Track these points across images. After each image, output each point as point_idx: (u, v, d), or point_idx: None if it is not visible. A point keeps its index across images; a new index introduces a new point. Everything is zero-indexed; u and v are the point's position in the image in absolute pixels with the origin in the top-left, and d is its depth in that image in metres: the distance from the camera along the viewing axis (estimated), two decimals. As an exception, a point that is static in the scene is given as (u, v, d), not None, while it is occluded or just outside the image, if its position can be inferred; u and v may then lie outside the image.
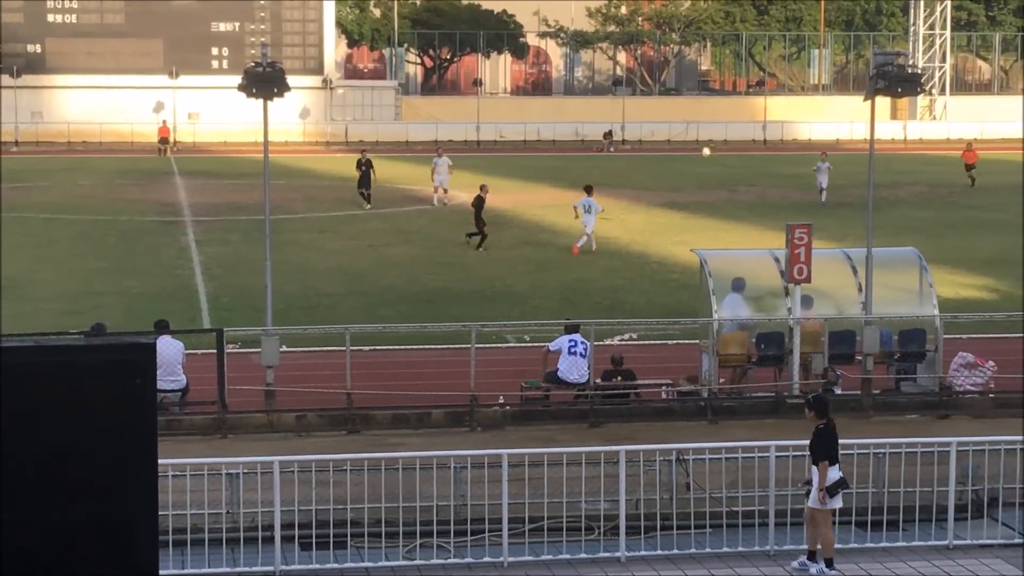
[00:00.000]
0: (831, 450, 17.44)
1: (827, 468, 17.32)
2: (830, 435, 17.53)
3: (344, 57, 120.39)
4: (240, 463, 18.33)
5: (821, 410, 17.75)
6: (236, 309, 35.61)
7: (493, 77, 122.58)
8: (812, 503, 17.36)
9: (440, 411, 25.34)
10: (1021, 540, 18.54)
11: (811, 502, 17.38)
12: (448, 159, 60.85)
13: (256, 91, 25.82)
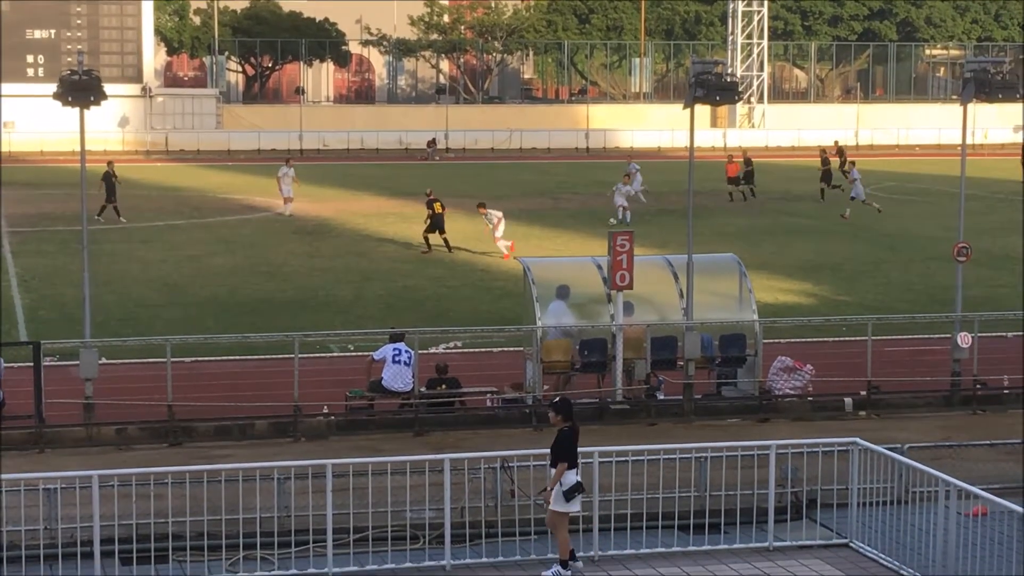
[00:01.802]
0: (571, 453, 17.61)
1: (564, 470, 17.48)
2: (572, 438, 17.70)
3: (164, 65, 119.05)
4: (58, 478, 17.99)
5: (566, 413, 17.94)
6: (53, 321, 34.99)
7: (316, 85, 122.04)
8: (553, 506, 17.53)
9: (264, 422, 25.15)
10: (839, 540, 18.87)
11: (553, 505, 17.54)
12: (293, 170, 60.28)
13: (72, 99, 25.39)
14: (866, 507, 18.66)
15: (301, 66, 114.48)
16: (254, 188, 69.73)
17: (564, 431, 17.74)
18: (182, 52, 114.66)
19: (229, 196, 63.94)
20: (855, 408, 26.91)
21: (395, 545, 18.04)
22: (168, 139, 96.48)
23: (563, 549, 17.61)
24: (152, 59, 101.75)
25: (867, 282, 42.23)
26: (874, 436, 20.31)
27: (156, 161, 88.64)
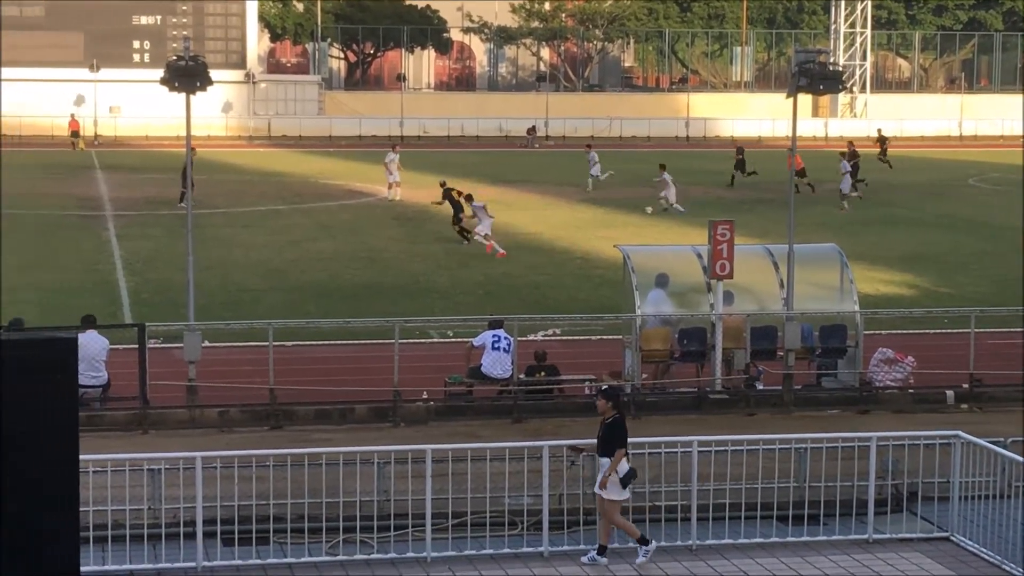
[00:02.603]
0: (623, 441, 17.62)
1: (622, 457, 17.49)
2: (623, 426, 17.70)
3: (267, 51, 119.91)
4: (162, 459, 18.22)
5: (615, 400, 17.96)
6: (157, 304, 35.39)
7: (417, 72, 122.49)
8: (609, 495, 17.58)
9: (363, 407, 25.29)
10: (940, 534, 18.73)
11: (608, 494, 17.59)
12: (398, 156, 60.82)
13: (178, 85, 25.65)
14: (967, 501, 18.50)
15: (403, 53, 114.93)
16: (355, 174, 70.14)
17: (615, 419, 17.77)
18: (285, 39, 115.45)
19: (330, 182, 64.34)
20: (957, 401, 26.66)
21: (493, 531, 18.11)
22: (270, 125, 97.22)
23: (603, 535, 17.71)
24: (256, 46, 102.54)
25: (969, 274, 41.84)
26: (976, 429, 20.11)
27: (258, 147, 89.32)
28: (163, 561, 17.32)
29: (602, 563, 17.64)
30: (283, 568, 17.31)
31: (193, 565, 17.22)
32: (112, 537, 17.19)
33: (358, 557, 17.60)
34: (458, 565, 17.55)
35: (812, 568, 17.64)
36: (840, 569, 17.63)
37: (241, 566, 17.29)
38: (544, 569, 17.57)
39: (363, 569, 17.39)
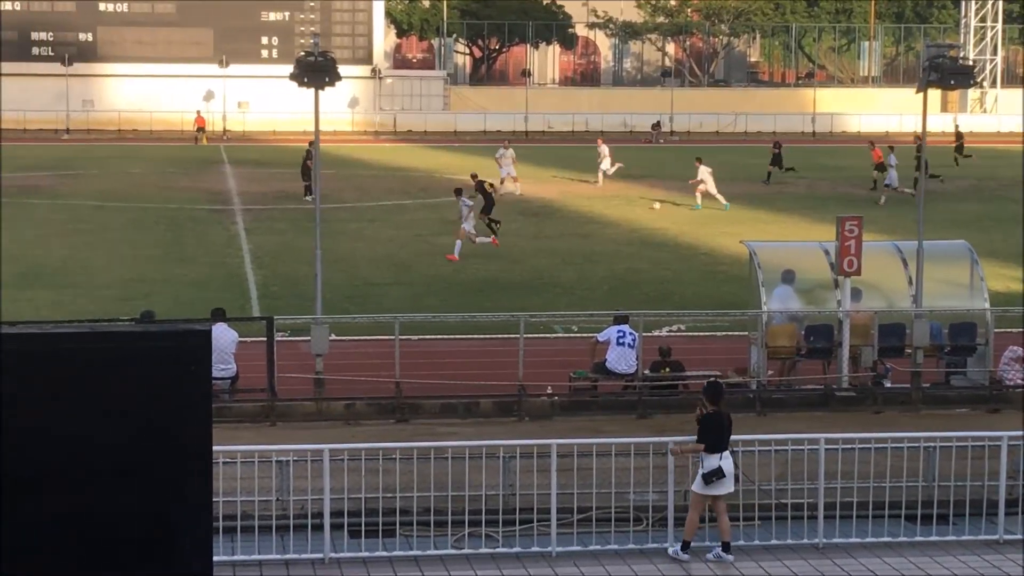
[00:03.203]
0: (711, 437, 17.53)
1: (701, 450, 17.53)
2: (717, 422, 17.61)
3: (393, 47, 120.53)
4: (290, 451, 18.40)
5: (711, 397, 17.94)
6: (284, 298, 35.74)
7: (542, 68, 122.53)
8: (694, 487, 17.59)
9: (488, 401, 25.38)
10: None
11: (694, 487, 17.60)
12: (512, 151, 61.11)
13: (307, 80, 25.91)
14: (1101, 502, 18.21)
15: (528, 48, 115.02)
16: (479, 169, 70.06)
17: (706, 414, 17.74)
18: (411, 34, 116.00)
19: (455, 177, 64.43)
20: (1090, 401, 26.22)
21: (618, 527, 18.09)
22: (396, 120, 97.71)
23: (688, 530, 17.64)
24: (382, 41, 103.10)
25: (1103, 272, 41.10)
26: (1110, 430, 19.78)
27: (384, 142, 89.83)
28: (291, 552, 17.49)
29: (728, 560, 17.56)
30: (409, 561, 17.41)
31: (320, 556, 17.38)
32: (241, 528, 17.38)
33: (483, 551, 17.66)
34: (583, 561, 17.55)
35: (941, 568, 17.44)
36: (969, 570, 17.41)
37: (368, 558, 17.41)
38: (670, 567, 17.52)
39: (488, 563, 17.44)
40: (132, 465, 6.56)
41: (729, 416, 17.97)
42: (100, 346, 6.71)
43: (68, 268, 40.68)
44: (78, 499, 6.45)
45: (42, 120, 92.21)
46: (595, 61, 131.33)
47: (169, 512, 6.62)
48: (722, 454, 17.59)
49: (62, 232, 47.92)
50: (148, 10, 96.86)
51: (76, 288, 37.45)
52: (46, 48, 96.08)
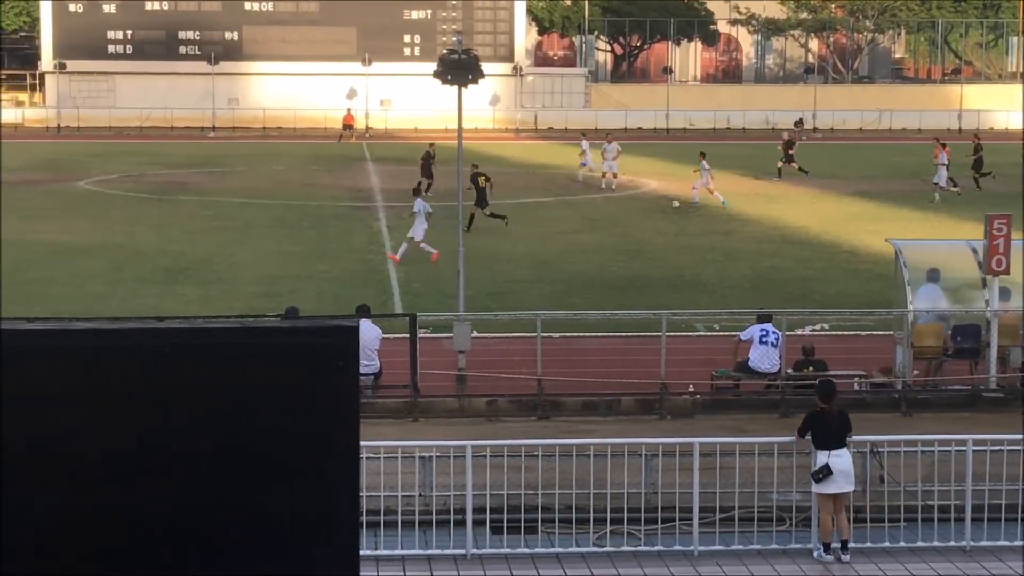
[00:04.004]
0: (818, 434, 17.45)
1: (806, 444, 17.58)
2: (823, 420, 17.54)
3: (534, 44, 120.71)
4: (433, 447, 18.51)
5: (820, 394, 18.03)
6: (426, 295, 35.92)
7: (683, 64, 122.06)
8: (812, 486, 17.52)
9: (630, 399, 25.33)
10: None
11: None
12: (618, 145, 61.00)
13: (451, 78, 26.06)
14: None
15: (669, 45, 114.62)
16: (619, 166, 70.14)
17: (813, 412, 17.64)
18: (552, 31, 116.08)
19: (595, 174, 64.43)
20: None
21: (761, 526, 17.98)
22: (537, 117, 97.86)
23: (823, 531, 17.47)
24: (523, 39, 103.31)
25: None
26: None
27: (525, 139, 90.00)
28: (433, 547, 17.59)
29: (827, 559, 17.43)
30: (551, 558, 17.43)
31: (462, 552, 17.45)
32: (384, 523, 17.51)
33: (625, 549, 17.64)
34: (725, 560, 17.47)
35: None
36: None
37: (510, 555, 17.46)
38: (813, 568, 17.39)
39: (630, 561, 17.42)
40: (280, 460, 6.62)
41: (843, 415, 17.84)
42: (248, 341, 6.77)
43: (214, 264, 41.24)
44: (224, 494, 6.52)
45: (189, 118, 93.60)
46: (737, 58, 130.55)
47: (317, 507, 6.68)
48: (832, 452, 17.45)
49: (208, 229, 48.59)
50: (292, 9, 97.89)
51: (222, 284, 37.95)
52: (193, 47, 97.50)
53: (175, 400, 6.39)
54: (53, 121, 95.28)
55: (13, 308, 32.65)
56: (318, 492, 6.72)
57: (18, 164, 70.18)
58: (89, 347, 5.82)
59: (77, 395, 5.76)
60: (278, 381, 6.70)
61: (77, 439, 5.80)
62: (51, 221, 49.93)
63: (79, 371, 5.75)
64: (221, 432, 6.54)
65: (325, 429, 6.72)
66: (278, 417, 6.66)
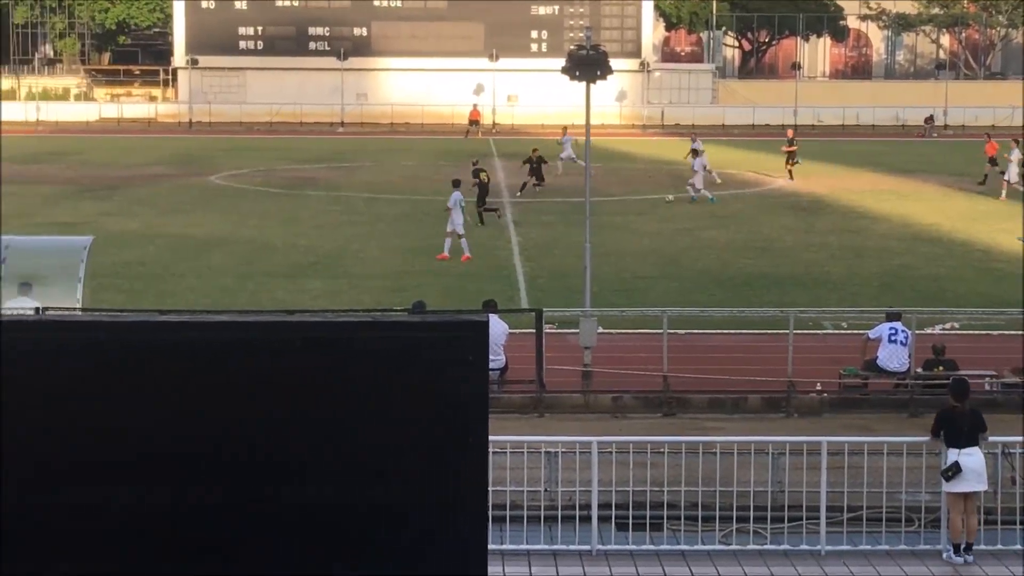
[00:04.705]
0: (948, 433, 17.35)
1: (938, 444, 17.46)
2: (954, 419, 17.46)
3: (661, 40, 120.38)
4: (559, 442, 18.52)
5: (953, 393, 17.96)
6: (552, 290, 35.93)
7: (812, 60, 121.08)
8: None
9: (756, 396, 25.18)
10: None
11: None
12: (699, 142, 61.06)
13: (579, 74, 26.03)
14: None
15: (798, 41, 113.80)
16: (747, 163, 69.85)
17: (944, 411, 17.65)
18: (680, 27, 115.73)
19: (722, 171, 64.14)
20: None
21: (889, 527, 17.79)
22: (663, 113, 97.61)
23: (953, 532, 17.27)
24: (651, 35, 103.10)
25: None
26: None
27: (651, 135, 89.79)
28: (558, 543, 17.60)
29: (957, 561, 17.20)
30: (676, 555, 17.38)
31: (588, 548, 17.45)
32: (510, 517, 17.55)
33: (751, 548, 17.54)
34: (853, 560, 17.31)
35: None
36: None
37: (635, 551, 17.43)
38: (942, 569, 17.18)
39: (756, 560, 17.31)
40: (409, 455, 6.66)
41: (975, 414, 17.65)
42: (379, 335, 6.81)
43: (342, 259, 41.56)
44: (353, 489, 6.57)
45: (317, 114, 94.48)
46: (867, 54, 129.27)
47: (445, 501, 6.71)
48: (963, 450, 17.26)
49: (336, 223, 48.98)
50: (421, 5, 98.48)
51: (349, 278, 38.24)
52: (322, 43, 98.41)
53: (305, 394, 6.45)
54: (185, 116, 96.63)
55: (145, 301, 33.17)
56: (447, 486, 6.76)
57: (151, 159, 71.28)
58: (221, 341, 5.89)
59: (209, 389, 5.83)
60: (408, 375, 6.74)
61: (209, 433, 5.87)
62: (182, 215, 50.60)
63: (210, 365, 5.82)
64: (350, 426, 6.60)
65: (454, 424, 6.76)
66: (407, 411, 6.71)
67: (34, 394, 5.60)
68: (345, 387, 6.58)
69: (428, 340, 6.75)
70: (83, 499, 5.64)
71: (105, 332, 5.86)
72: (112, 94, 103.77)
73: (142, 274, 38.19)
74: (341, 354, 6.62)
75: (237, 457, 5.95)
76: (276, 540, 6.01)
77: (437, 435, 6.70)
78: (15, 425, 5.56)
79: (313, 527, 6.36)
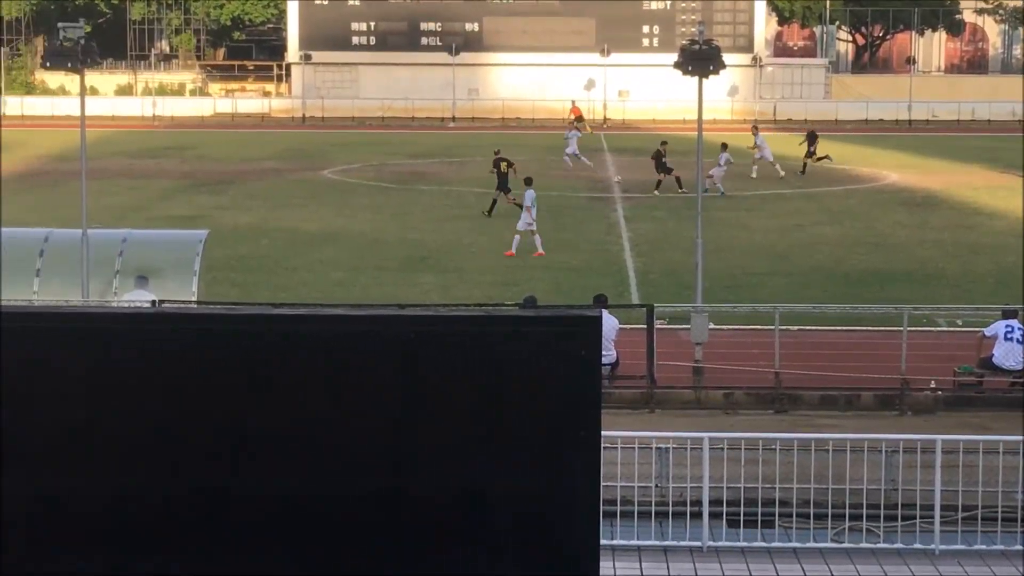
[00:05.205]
0: None
1: None
2: None
3: (774, 35, 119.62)
4: (670, 438, 18.47)
5: None
6: (662, 285, 35.86)
7: (926, 55, 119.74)
8: None
9: (869, 394, 25.00)
10: None
11: None
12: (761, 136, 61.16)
13: (692, 69, 25.95)
14: None
15: (912, 35, 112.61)
16: (861, 159, 69.25)
17: None
18: (793, 22, 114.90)
19: (834, 166, 63.68)
20: None
21: (1005, 527, 17.58)
22: (775, 108, 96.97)
23: None
24: (763, 29, 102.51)
25: None
26: None
27: (763, 130, 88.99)
28: (669, 539, 17.56)
29: None
30: (788, 553, 17.27)
31: (698, 544, 17.39)
32: (620, 513, 17.53)
33: (864, 546, 17.40)
34: (968, 560, 17.12)
35: None
36: None
37: (746, 548, 17.35)
38: (1059, 569, 16.95)
39: (868, 558, 17.17)
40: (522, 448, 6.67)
41: None
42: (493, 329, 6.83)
43: (452, 253, 41.71)
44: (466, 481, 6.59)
45: (429, 108, 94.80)
46: (983, 48, 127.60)
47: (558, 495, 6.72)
48: None
49: (446, 218, 49.16)
50: (533, 2, 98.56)
51: (460, 273, 38.37)
52: (434, 39, 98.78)
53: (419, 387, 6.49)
54: (298, 111, 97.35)
55: (259, 295, 33.48)
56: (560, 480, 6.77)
57: (264, 153, 71.93)
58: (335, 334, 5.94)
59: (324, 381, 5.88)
60: (522, 369, 6.76)
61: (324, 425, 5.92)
62: (295, 209, 51.01)
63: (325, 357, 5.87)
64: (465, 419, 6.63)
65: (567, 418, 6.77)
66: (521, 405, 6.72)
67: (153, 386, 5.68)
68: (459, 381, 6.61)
69: (542, 335, 6.76)
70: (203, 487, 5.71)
71: (221, 325, 5.94)
72: (226, 89, 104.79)
73: (256, 268, 38.56)
74: (455, 348, 6.65)
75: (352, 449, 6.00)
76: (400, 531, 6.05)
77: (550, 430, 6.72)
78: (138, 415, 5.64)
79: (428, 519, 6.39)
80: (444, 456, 6.57)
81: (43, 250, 28.92)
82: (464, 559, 6.53)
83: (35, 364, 5.60)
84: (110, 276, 28.40)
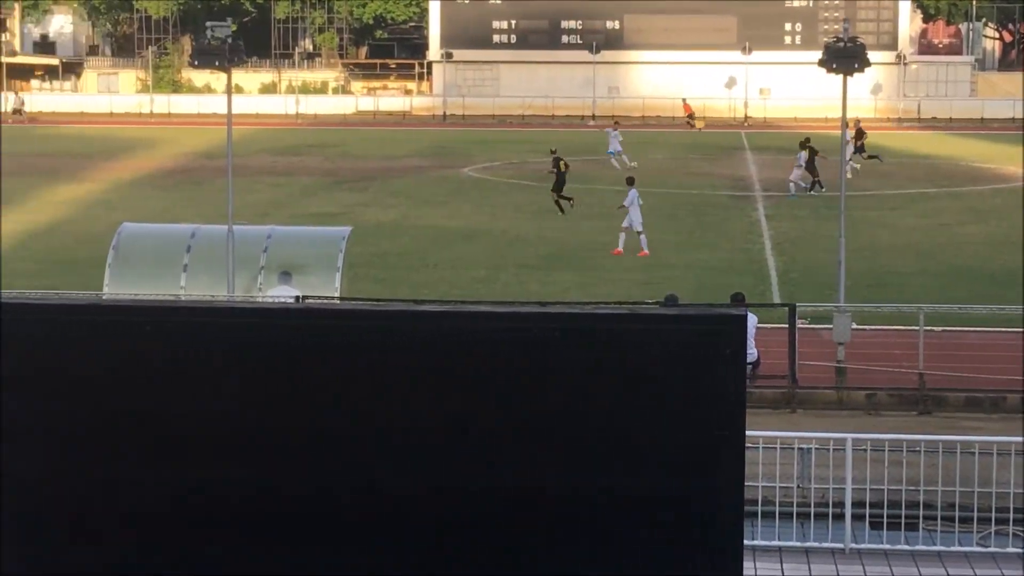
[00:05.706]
0: None
1: None
2: None
3: (918, 32, 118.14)
4: (812, 438, 18.31)
5: None
6: (804, 284, 35.56)
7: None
8: None
9: (1016, 396, 24.58)
10: None
11: None
12: None
13: (836, 66, 25.72)
14: None
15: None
16: (1008, 158, 68.16)
17: None
18: (938, 19, 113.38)
19: (981, 165, 62.83)
20: None
21: None
22: (920, 107, 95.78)
23: None
24: (907, 26, 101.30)
25: None
26: None
27: (907, 129, 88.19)
28: (811, 540, 17.41)
29: None
30: (932, 556, 17.05)
31: (840, 546, 17.23)
32: (762, 513, 17.41)
33: (1011, 550, 17.12)
34: (1117, 565, 16.80)
35: None
36: None
37: (889, 551, 17.15)
38: None
39: (1015, 563, 16.90)
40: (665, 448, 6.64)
41: None
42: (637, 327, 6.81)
43: (591, 251, 41.68)
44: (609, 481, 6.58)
45: (569, 106, 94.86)
46: None
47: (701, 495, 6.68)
48: None
49: (588, 216, 49.14)
50: None
51: (600, 271, 38.34)
52: (575, 36, 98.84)
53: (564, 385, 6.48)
54: (439, 109, 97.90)
55: (400, 291, 33.72)
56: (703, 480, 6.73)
57: (405, 151, 72.42)
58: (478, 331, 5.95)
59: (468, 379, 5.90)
60: (665, 368, 6.73)
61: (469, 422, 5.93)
62: (436, 207, 51.28)
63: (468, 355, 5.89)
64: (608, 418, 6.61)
65: (711, 417, 6.72)
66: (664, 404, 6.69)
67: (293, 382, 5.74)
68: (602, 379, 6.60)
69: (686, 333, 6.73)
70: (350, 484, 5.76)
71: (365, 321, 5.98)
72: (368, 87, 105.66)
73: (397, 264, 38.83)
74: (599, 346, 6.63)
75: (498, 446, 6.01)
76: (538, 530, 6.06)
77: (693, 429, 6.68)
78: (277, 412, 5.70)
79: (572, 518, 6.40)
80: (585, 455, 6.56)
81: (190, 246, 29.35)
82: (605, 559, 6.51)
83: (183, 360, 5.67)
84: (255, 272, 28.76)
